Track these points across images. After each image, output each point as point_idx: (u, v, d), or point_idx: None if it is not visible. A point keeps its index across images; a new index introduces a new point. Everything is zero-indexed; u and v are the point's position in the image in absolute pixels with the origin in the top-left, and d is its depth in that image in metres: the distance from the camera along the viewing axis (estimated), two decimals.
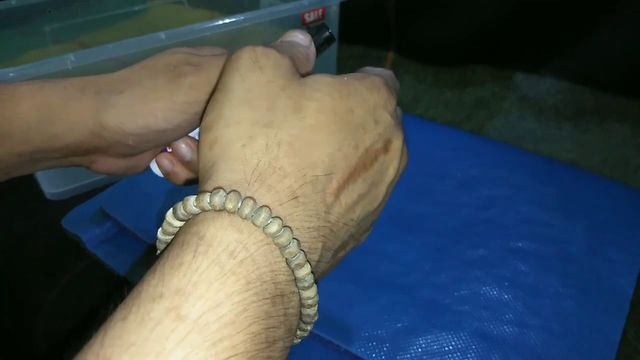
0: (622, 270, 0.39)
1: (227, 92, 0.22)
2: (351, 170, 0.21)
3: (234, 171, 0.20)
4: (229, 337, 0.16)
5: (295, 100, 0.21)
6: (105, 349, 0.16)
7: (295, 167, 0.20)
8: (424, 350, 0.35)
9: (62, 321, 0.41)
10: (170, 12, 0.69)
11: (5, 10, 0.58)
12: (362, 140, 0.22)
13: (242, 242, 0.18)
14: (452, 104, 0.67)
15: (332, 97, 0.22)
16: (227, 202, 0.18)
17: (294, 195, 0.20)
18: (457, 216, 0.45)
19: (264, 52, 0.23)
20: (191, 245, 0.18)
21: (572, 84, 0.64)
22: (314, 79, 0.22)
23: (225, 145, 0.21)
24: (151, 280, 0.17)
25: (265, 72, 0.22)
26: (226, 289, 0.17)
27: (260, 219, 0.18)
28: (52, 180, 0.52)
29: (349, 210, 0.22)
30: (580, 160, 0.56)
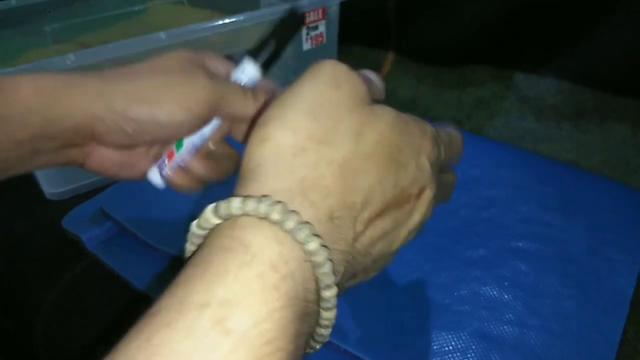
0: (622, 270, 0.39)
1: (295, 97, 0.22)
2: (384, 206, 0.22)
3: (280, 178, 0.20)
4: (270, 354, 0.16)
5: (359, 125, 0.21)
6: (150, 356, 0.15)
7: (339, 189, 0.20)
8: (424, 351, 0.35)
9: (62, 321, 0.41)
10: (170, 12, 0.69)
11: (5, 10, 0.58)
12: (401, 180, 0.22)
13: (283, 256, 0.18)
14: (452, 104, 0.67)
15: (392, 132, 0.22)
16: (273, 212, 0.18)
17: (331, 216, 0.20)
18: (457, 216, 0.45)
19: (346, 72, 0.23)
20: (236, 253, 0.18)
21: (572, 84, 0.64)
22: (381, 110, 0.23)
23: (275, 148, 0.21)
24: (195, 285, 0.17)
25: (340, 92, 0.22)
26: (269, 305, 0.17)
27: (303, 235, 0.18)
28: (52, 180, 0.52)
29: (371, 244, 0.22)
30: (580, 160, 0.56)
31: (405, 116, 0.24)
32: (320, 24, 0.63)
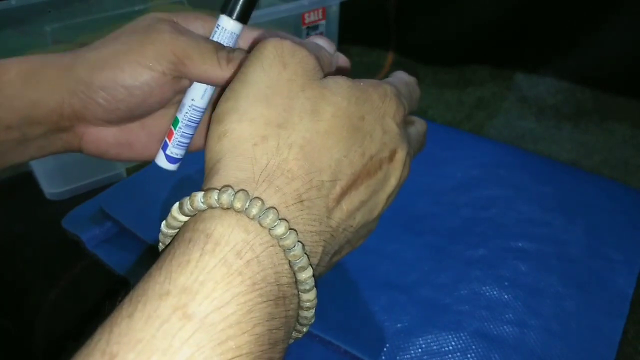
0: (622, 270, 0.39)
1: (245, 84, 0.22)
2: (355, 177, 0.21)
3: (242, 169, 0.20)
4: (234, 338, 0.16)
5: (313, 102, 0.21)
6: (112, 346, 0.16)
7: (304, 170, 0.20)
8: (424, 351, 0.35)
9: (62, 321, 0.41)
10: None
11: (5, 10, 0.58)
12: (368, 148, 0.22)
13: (248, 242, 0.18)
14: (452, 104, 0.67)
15: (349, 103, 0.22)
16: (235, 201, 0.18)
17: (299, 199, 0.20)
18: (457, 216, 0.45)
19: (291, 48, 0.22)
20: (198, 242, 0.18)
21: (572, 84, 0.64)
22: (334, 82, 0.22)
23: (235, 141, 0.20)
24: (157, 277, 0.17)
25: (288, 69, 0.22)
26: (232, 289, 0.17)
27: (268, 220, 0.18)
28: (52, 180, 0.52)
29: (350, 216, 0.22)
30: (580, 160, 0.56)
31: (361, 83, 0.23)
32: (320, 24, 0.63)
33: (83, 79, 0.26)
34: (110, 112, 0.28)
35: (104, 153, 0.30)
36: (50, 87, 0.26)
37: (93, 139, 0.29)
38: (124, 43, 0.27)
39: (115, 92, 0.27)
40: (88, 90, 0.26)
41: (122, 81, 0.26)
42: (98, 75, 0.26)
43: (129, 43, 0.27)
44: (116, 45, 0.27)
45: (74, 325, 0.41)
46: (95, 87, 0.26)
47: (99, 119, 0.28)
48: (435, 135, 0.55)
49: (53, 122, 0.27)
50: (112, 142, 0.30)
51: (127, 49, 0.27)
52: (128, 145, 0.30)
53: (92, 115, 0.27)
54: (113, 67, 0.26)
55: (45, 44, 0.60)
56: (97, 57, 0.27)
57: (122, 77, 0.26)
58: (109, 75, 0.26)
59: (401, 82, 0.27)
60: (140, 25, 0.28)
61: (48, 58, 0.27)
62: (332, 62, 0.26)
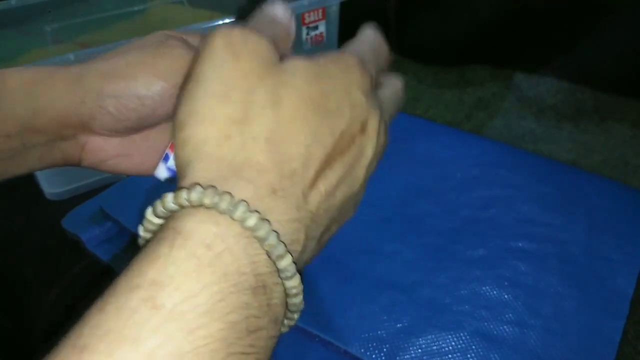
0: (622, 270, 0.39)
1: (199, 84, 0.21)
2: (328, 157, 0.21)
3: (209, 169, 0.20)
4: (205, 326, 0.16)
5: (272, 91, 0.21)
6: (83, 338, 0.16)
7: (273, 162, 0.20)
8: (423, 351, 0.35)
9: (62, 321, 0.41)
10: (170, 12, 0.69)
11: (5, 10, 0.58)
12: (337, 125, 0.21)
13: (219, 235, 0.18)
14: (452, 104, 0.67)
15: (309, 84, 0.21)
16: (204, 198, 0.18)
17: (272, 190, 0.20)
18: (457, 216, 0.45)
19: (241, 36, 0.21)
20: (168, 239, 0.18)
21: (572, 84, 0.64)
22: (291, 65, 0.21)
23: (199, 145, 0.20)
24: (128, 273, 0.17)
25: (242, 61, 0.21)
26: (203, 280, 0.17)
27: (238, 212, 0.18)
28: (52, 180, 0.52)
29: (330, 196, 0.22)
30: (580, 160, 0.56)
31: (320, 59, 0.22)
32: (320, 24, 0.63)
33: (94, 87, 0.26)
34: (119, 122, 0.28)
35: (102, 163, 0.30)
36: (54, 96, 0.26)
37: (94, 149, 0.29)
38: (136, 55, 0.27)
39: (127, 101, 0.27)
40: (99, 99, 0.27)
41: (135, 90, 0.26)
42: (110, 84, 0.26)
43: (141, 55, 0.27)
44: (128, 57, 0.27)
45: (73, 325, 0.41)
46: (106, 96, 0.26)
47: (106, 128, 0.28)
48: (435, 135, 0.55)
49: (55, 130, 0.27)
50: (112, 152, 0.30)
51: (140, 61, 0.27)
52: (127, 157, 0.30)
53: (99, 124, 0.28)
54: (126, 77, 0.26)
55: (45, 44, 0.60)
56: (109, 67, 0.27)
57: (135, 87, 0.26)
58: (121, 85, 0.26)
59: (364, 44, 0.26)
60: (151, 40, 0.28)
61: (53, 69, 0.27)
62: (289, 33, 0.25)
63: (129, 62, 0.27)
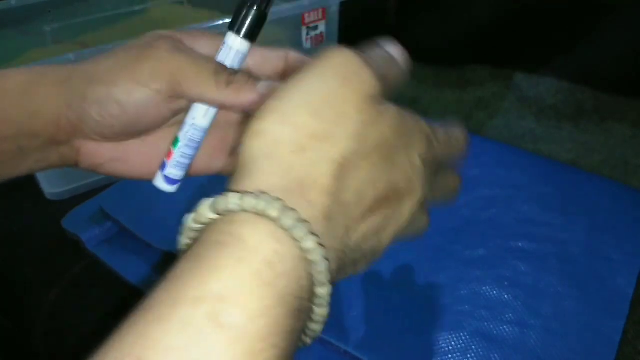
0: (622, 270, 0.39)
1: (298, 88, 0.21)
2: (376, 202, 0.21)
3: (276, 175, 0.20)
4: (264, 351, 0.16)
5: (362, 126, 0.21)
6: (144, 350, 0.15)
7: (335, 188, 0.20)
8: (424, 351, 0.35)
9: (62, 321, 0.41)
10: (170, 12, 0.69)
11: (5, 10, 0.58)
12: (393, 177, 0.22)
13: (280, 253, 0.18)
14: (452, 104, 0.67)
15: (393, 135, 0.22)
16: (271, 209, 0.18)
17: (328, 215, 0.20)
18: (457, 216, 0.45)
19: (358, 65, 0.21)
20: (232, 248, 0.17)
21: (572, 84, 0.64)
22: (387, 111, 0.22)
23: (272, 143, 0.20)
24: (188, 280, 0.17)
25: (348, 87, 0.21)
26: (264, 301, 0.17)
27: (300, 233, 0.18)
28: (52, 180, 0.52)
29: (364, 239, 0.22)
30: (580, 160, 0.56)
31: (406, 115, 0.23)
32: (320, 24, 0.63)
33: (79, 91, 0.26)
34: (105, 128, 0.27)
35: (99, 167, 0.29)
36: (47, 99, 0.26)
37: (90, 153, 0.29)
38: (120, 58, 0.26)
39: (109, 107, 0.26)
40: (83, 104, 0.26)
41: (115, 96, 0.26)
42: (93, 89, 0.26)
43: (125, 58, 0.26)
44: (113, 60, 0.26)
45: (74, 325, 0.41)
46: (90, 101, 0.26)
47: (95, 133, 0.27)
48: None
49: (50, 134, 0.27)
50: (108, 157, 0.29)
51: (122, 65, 0.26)
52: (124, 161, 0.30)
53: (88, 128, 0.27)
54: (107, 82, 0.26)
55: (45, 44, 0.60)
56: (93, 70, 0.26)
57: (115, 92, 0.26)
58: (102, 90, 0.26)
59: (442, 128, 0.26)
60: (140, 42, 0.27)
61: (47, 69, 0.27)
62: (400, 76, 0.25)
63: (111, 67, 0.26)
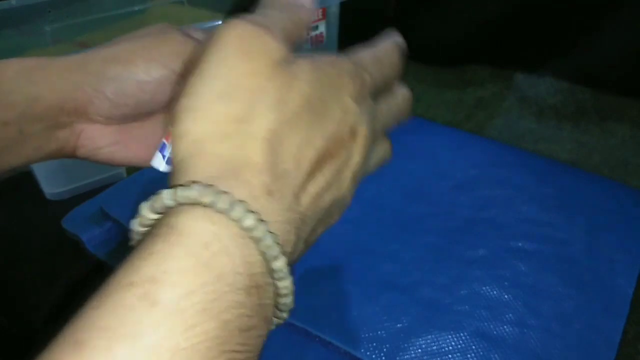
0: (622, 270, 0.39)
1: (203, 79, 0.21)
2: (318, 160, 0.21)
3: (207, 166, 0.20)
4: (200, 324, 0.16)
5: (278, 93, 0.20)
6: (79, 334, 0.16)
7: (269, 162, 0.20)
8: (424, 351, 0.35)
9: (62, 321, 0.41)
10: (170, 12, 0.69)
11: (5, 10, 0.58)
12: (328, 128, 0.22)
13: (216, 234, 0.18)
14: (452, 104, 0.67)
15: (312, 88, 0.21)
16: (202, 196, 0.18)
17: (268, 190, 0.20)
18: (457, 216, 0.45)
19: (253, 33, 0.21)
20: (163, 235, 0.18)
21: (572, 84, 0.64)
22: (299, 67, 0.21)
23: (197, 141, 0.20)
24: (122, 270, 0.17)
25: (252, 60, 0.20)
26: (199, 279, 0.17)
27: (236, 212, 0.18)
28: (52, 180, 0.52)
29: (319, 198, 0.22)
30: (580, 160, 0.56)
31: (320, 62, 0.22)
32: (320, 24, 0.63)
33: (93, 71, 0.27)
34: (117, 107, 0.28)
35: (98, 151, 0.30)
36: (52, 82, 0.27)
37: (89, 136, 0.29)
38: (138, 42, 0.28)
39: (127, 85, 0.27)
40: (97, 83, 0.27)
41: (135, 75, 0.27)
42: (110, 68, 0.27)
43: (143, 42, 0.28)
44: (130, 44, 0.28)
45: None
46: (106, 80, 0.27)
47: (103, 114, 0.28)
48: (435, 135, 0.55)
49: (52, 117, 0.27)
50: (108, 140, 0.30)
51: (141, 47, 0.28)
52: (124, 145, 0.30)
53: (96, 110, 0.28)
54: (126, 62, 0.27)
55: (45, 44, 0.60)
56: (110, 52, 0.28)
57: (135, 71, 0.27)
58: (121, 69, 0.27)
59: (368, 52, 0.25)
60: (152, 30, 0.29)
61: (54, 58, 0.28)
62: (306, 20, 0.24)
63: (130, 48, 0.28)
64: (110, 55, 0.28)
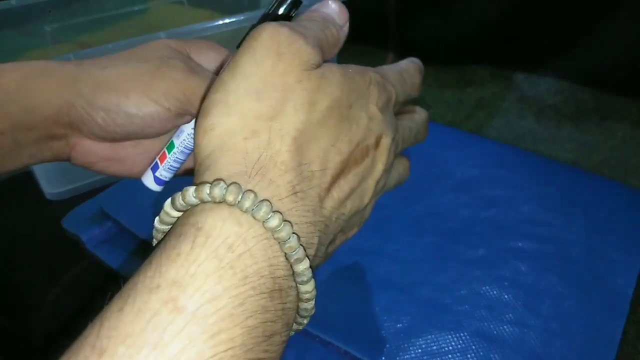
0: (622, 270, 0.39)
1: (235, 76, 0.21)
2: (344, 165, 0.21)
3: (233, 163, 0.20)
4: (226, 330, 0.16)
5: (309, 93, 0.21)
6: (101, 340, 0.16)
7: (296, 162, 0.20)
8: (424, 351, 0.35)
9: (62, 321, 0.41)
10: (170, 12, 0.69)
11: (5, 10, 0.58)
12: (355, 135, 0.22)
13: (241, 235, 0.18)
14: (452, 104, 0.67)
15: (342, 93, 0.21)
16: (227, 195, 0.18)
17: (293, 191, 0.20)
18: (457, 216, 0.45)
19: (288, 37, 0.21)
20: (189, 236, 0.18)
21: (572, 84, 0.64)
22: (330, 71, 0.22)
23: (224, 136, 0.20)
24: (147, 271, 0.17)
25: (284, 61, 0.21)
26: (224, 283, 0.17)
27: (261, 212, 0.18)
28: (52, 180, 0.52)
29: (341, 204, 0.22)
30: (580, 160, 0.56)
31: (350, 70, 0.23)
32: None
33: (85, 95, 0.26)
34: (107, 133, 0.27)
35: (92, 165, 0.30)
36: (48, 95, 0.26)
37: (84, 150, 0.29)
38: (133, 69, 0.26)
39: (116, 116, 0.26)
40: (88, 107, 0.26)
41: (125, 108, 0.26)
42: (102, 96, 0.26)
43: (139, 71, 0.26)
44: (125, 70, 0.26)
45: (73, 325, 0.41)
46: (97, 107, 0.26)
47: (94, 135, 0.28)
48: (435, 135, 0.55)
49: (47, 128, 0.27)
50: (102, 155, 0.29)
51: (136, 76, 0.26)
52: (117, 160, 0.30)
53: (87, 129, 0.27)
54: (118, 92, 0.26)
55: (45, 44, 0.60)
56: (103, 76, 0.26)
57: (126, 104, 0.26)
58: (112, 99, 0.26)
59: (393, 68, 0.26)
60: (152, 54, 0.27)
61: (49, 66, 0.27)
62: (339, 39, 0.24)
63: (124, 76, 0.26)
64: (103, 80, 0.26)
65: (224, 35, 0.50)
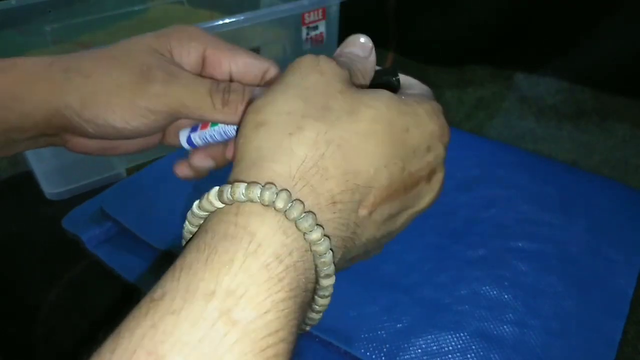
0: (622, 270, 0.39)
1: (284, 85, 0.22)
2: (391, 191, 0.21)
3: (279, 162, 0.20)
4: (273, 346, 0.16)
5: (351, 104, 0.21)
6: (157, 345, 0.16)
7: (340, 170, 0.20)
8: (423, 351, 0.35)
9: (62, 321, 0.41)
10: (170, 12, 0.69)
11: (5, 10, 0.58)
12: (410, 164, 0.22)
13: (287, 246, 0.18)
14: (452, 104, 0.67)
15: (389, 110, 0.21)
16: (277, 201, 0.18)
17: (332, 201, 0.19)
18: (457, 216, 0.45)
19: (326, 60, 0.23)
20: (242, 241, 0.18)
21: (572, 84, 0.64)
22: (372, 91, 0.22)
23: (272, 130, 0.20)
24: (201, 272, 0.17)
25: (325, 76, 0.22)
26: (273, 296, 0.17)
27: (306, 225, 0.18)
28: (52, 180, 0.52)
29: (377, 227, 0.22)
30: (580, 160, 0.56)
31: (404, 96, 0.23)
32: (320, 24, 0.63)
33: (74, 107, 0.26)
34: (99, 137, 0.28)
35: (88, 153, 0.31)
36: (37, 103, 0.27)
37: (77, 145, 0.30)
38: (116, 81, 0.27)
39: (104, 128, 0.27)
40: (78, 118, 0.27)
41: (113, 122, 0.27)
42: (89, 110, 0.26)
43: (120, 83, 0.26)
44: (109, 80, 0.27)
45: (73, 325, 0.41)
46: (86, 119, 0.27)
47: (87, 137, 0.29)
48: None
49: (39, 130, 0.28)
50: (95, 148, 0.30)
51: (118, 91, 0.26)
52: (113, 148, 0.31)
53: (79, 133, 0.28)
54: (104, 106, 0.26)
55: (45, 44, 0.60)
56: (88, 88, 0.27)
57: (114, 119, 0.27)
58: (100, 113, 0.26)
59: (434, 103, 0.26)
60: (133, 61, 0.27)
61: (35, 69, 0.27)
62: (366, 69, 0.25)
63: (108, 89, 0.26)
64: (88, 93, 0.26)
65: (224, 35, 0.50)
